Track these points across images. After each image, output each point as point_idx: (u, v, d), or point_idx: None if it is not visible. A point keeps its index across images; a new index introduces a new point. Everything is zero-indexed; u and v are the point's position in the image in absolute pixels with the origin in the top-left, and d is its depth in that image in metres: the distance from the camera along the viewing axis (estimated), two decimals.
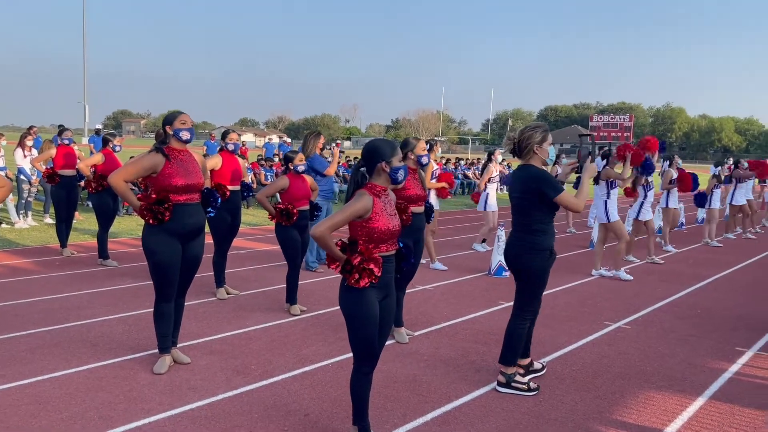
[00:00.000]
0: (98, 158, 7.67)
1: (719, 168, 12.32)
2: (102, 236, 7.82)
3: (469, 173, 23.22)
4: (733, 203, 12.95)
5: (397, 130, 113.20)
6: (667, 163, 10.52)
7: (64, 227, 8.36)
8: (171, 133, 4.20)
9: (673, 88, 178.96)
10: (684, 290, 7.62)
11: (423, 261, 8.50)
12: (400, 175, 3.19)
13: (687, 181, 9.69)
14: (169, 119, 4.22)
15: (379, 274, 3.06)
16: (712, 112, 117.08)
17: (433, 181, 8.15)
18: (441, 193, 8.21)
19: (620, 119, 61.88)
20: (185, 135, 4.20)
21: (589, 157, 4.25)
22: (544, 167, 4.12)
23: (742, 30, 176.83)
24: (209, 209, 4.47)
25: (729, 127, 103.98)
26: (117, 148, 7.79)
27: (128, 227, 11.07)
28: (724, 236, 12.95)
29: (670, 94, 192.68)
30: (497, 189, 9.94)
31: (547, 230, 4.08)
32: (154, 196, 4.07)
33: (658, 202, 10.63)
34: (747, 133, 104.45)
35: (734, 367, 4.87)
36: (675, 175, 10.04)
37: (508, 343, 4.22)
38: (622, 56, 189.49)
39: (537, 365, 4.55)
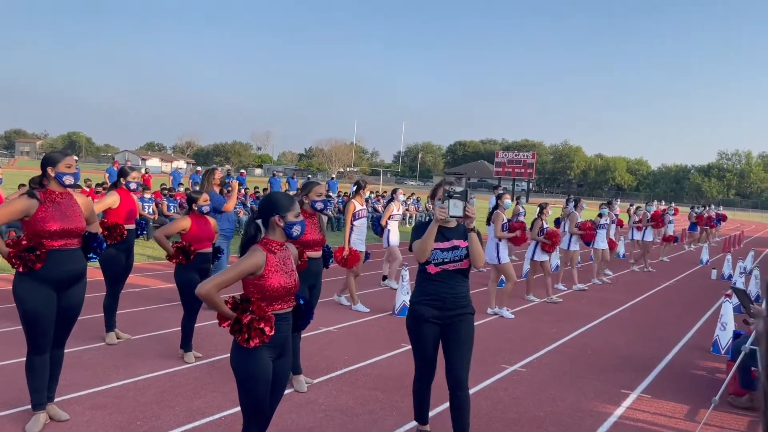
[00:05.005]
0: None
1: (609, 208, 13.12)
2: None
3: (379, 207, 23.42)
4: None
5: (310, 159, 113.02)
6: (573, 205, 11.14)
7: None
8: (53, 175, 3.95)
9: (572, 127, 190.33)
10: (577, 330, 7.96)
11: (339, 301, 8.42)
12: (296, 230, 3.15)
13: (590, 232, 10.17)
14: (54, 160, 3.97)
15: (271, 334, 2.98)
16: (607, 152, 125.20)
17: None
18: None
19: (524, 156, 64.75)
20: (69, 180, 3.97)
21: (449, 198, 3.70)
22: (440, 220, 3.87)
23: (631, 74, 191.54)
24: (91, 255, 4.22)
25: (622, 166, 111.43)
26: None
27: (3, 263, 10.27)
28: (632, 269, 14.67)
29: (568, 132, 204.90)
30: (398, 226, 9.99)
31: (421, 281, 3.90)
32: (24, 242, 3.80)
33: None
34: (637, 173, 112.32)
35: (618, 411, 5.11)
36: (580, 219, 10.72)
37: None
38: (524, 94, 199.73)
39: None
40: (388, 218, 9.72)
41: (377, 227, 9.90)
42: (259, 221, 3.16)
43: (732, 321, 7.17)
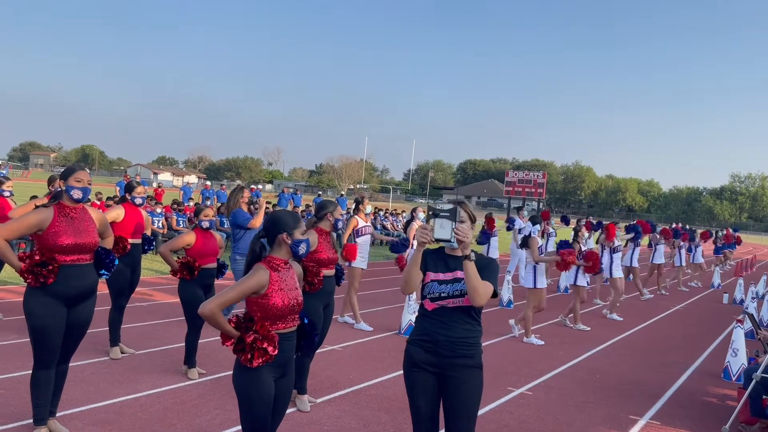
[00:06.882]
0: None
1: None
2: None
3: (388, 224, 23.37)
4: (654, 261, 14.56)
5: (320, 175, 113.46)
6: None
7: None
8: (63, 189, 3.98)
9: (583, 147, 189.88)
10: (585, 353, 7.86)
11: (344, 321, 8.37)
12: (302, 248, 3.13)
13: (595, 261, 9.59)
14: (65, 174, 4.01)
15: (275, 354, 2.95)
16: (618, 173, 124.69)
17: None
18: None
19: (534, 176, 64.54)
20: (77, 194, 3.97)
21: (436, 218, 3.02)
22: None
23: (644, 95, 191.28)
24: (102, 271, 4.21)
25: (633, 187, 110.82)
26: (5, 193, 7.33)
27: (9, 275, 10.31)
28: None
29: (579, 152, 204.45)
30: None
31: (418, 317, 3.25)
32: (37, 257, 3.80)
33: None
34: (648, 195, 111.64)
35: None
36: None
37: None
38: (536, 114, 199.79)
39: None
40: (413, 238, 9.76)
41: (398, 247, 9.47)
42: (264, 240, 3.16)
43: (744, 347, 7.05)
